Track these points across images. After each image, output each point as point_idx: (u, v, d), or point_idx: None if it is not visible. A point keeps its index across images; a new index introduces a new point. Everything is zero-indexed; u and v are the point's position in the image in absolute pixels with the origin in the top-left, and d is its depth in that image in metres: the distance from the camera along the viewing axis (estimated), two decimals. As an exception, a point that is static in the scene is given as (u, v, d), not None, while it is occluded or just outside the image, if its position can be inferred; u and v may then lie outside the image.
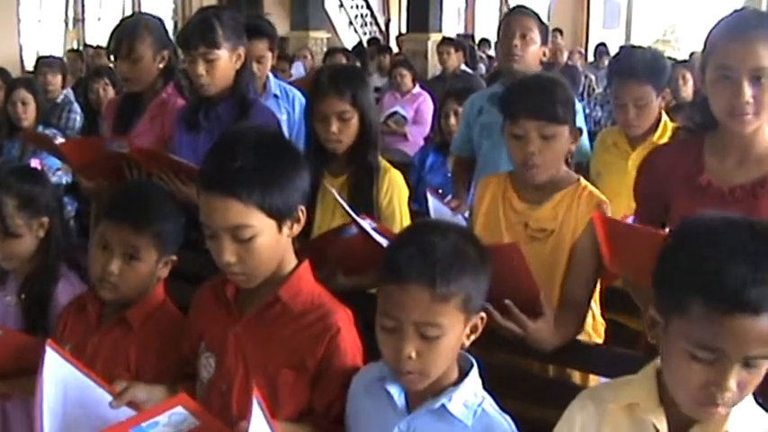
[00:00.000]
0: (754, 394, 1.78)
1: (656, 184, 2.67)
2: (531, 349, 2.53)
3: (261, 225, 2.15)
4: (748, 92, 2.38)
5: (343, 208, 2.78)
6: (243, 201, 2.12)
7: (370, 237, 2.60)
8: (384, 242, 2.52)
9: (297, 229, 2.28)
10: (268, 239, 2.18)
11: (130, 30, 3.82)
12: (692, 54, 10.87)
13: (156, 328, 2.58)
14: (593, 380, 2.69)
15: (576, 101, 3.80)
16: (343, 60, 9.71)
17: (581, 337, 2.74)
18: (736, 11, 2.56)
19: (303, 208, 2.27)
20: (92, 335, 2.61)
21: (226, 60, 3.60)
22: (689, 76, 6.77)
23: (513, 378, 2.65)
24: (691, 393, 1.70)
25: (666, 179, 2.65)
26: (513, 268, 2.43)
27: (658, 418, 1.80)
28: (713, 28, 2.52)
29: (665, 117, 3.97)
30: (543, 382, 2.71)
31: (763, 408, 1.83)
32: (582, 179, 2.84)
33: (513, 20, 4.17)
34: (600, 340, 2.92)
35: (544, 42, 4.19)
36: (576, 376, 2.75)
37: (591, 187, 2.82)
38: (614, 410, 1.88)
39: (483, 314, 2.05)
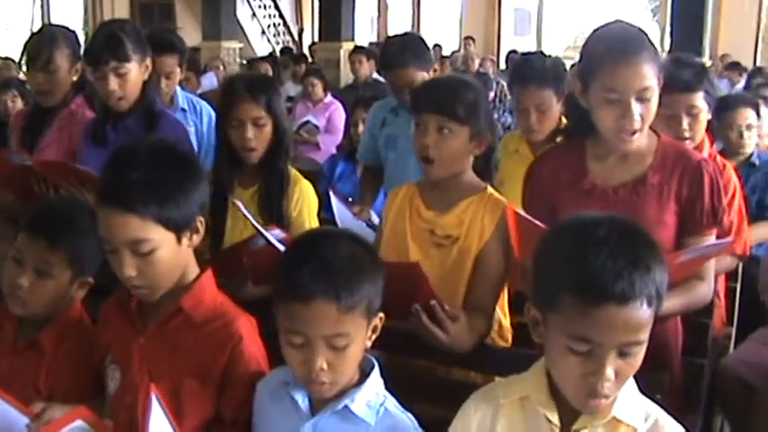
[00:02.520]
0: (637, 383, 1.88)
1: (542, 191, 2.76)
2: (437, 353, 2.57)
3: (159, 238, 2.17)
4: (636, 111, 2.49)
5: (248, 219, 2.80)
6: (140, 215, 2.13)
7: (276, 248, 2.63)
8: None
9: (197, 239, 2.30)
10: (167, 252, 2.20)
11: (49, 40, 3.80)
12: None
13: (69, 349, 2.53)
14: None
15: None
16: (270, 69, 9.70)
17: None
18: (614, 23, 2.65)
19: (202, 219, 2.30)
20: (7, 354, 2.56)
21: (136, 73, 3.60)
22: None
23: (418, 381, 2.69)
24: (573, 385, 1.79)
25: (552, 185, 2.75)
26: (414, 285, 2.49)
27: (550, 409, 1.88)
28: (593, 42, 2.61)
29: (565, 123, 4.02)
30: (449, 385, 2.74)
31: (645, 394, 1.93)
32: (489, 187, 2.88)
33: (395, 76, 4.17)
34: (507, 346, 2.97)
35: (431, 65, 4.23)
36: (480, 378, 2.76)
37: (497, 195, 2.86)
38: (508, 405, 1.95)
39: (382, 314, 2.10)
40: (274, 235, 2.72)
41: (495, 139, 2.99)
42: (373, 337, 2.09)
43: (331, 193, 4.15)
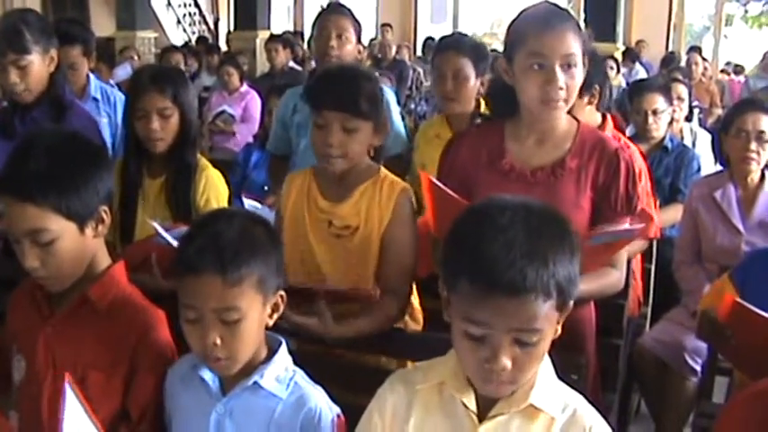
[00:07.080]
0: (555, 370, 1.88)
1: (459, 170, 2.75)
2: (351, 338, 2.59)
3: (59, 228, 2.15)
4: (561, 79, 2.52)
5: (156, 230, 2.78)
6: (38, 204, 2.11)
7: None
8: None
9: (102, 229, 2.27)
10: (69, 242, 2.18)
11: None
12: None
13: None
14: (411, 366, 2.74)
15: (390, 91, 3.82)
16: (181, 59, 9.57)
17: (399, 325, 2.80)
18: (539, 3, 2.67)
19: (106, 208, 2.27)
20: None
21: (38, 64, 3.53)
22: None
23: (332, 367, 2.66)
24: (472, 370, 1.79)
25: (470, 165, 2.75)
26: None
27: (466, 395, 1.86)
28: (519, 19, 2.64)
29: (484, 106, 3.98)
30: (363, 369, 2.72)
31: (561, 376, 1.93)
32: (382, 169, 2.85)
33: (328, 19, 4.08)
34: (419, 328, 2.98)
35: (359, 41, 4.15)
36: (394, 363, 2.78)
37: (391, 176, 2.83)
38: (424, 391, 1.93)
39: (282, 293, 2.12)
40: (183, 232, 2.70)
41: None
42: (275, 315, 2.12)
43: (243, 198, 4.13)
